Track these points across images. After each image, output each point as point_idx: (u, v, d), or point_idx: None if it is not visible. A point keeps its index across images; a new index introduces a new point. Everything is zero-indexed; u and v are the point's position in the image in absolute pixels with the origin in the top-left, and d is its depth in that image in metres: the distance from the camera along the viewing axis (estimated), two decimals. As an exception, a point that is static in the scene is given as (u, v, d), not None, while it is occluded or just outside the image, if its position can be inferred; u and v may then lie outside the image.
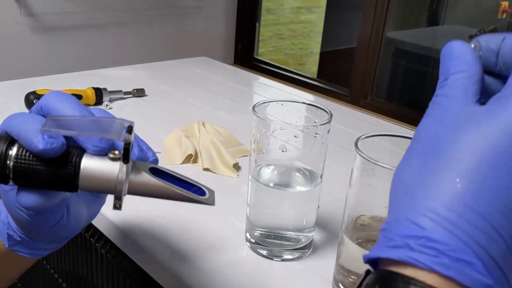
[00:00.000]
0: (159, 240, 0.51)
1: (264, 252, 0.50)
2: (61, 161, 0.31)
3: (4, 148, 0.31)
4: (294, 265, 0.49)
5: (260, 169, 0.50)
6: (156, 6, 1.35)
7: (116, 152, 0.31)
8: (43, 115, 0.34)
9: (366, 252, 0.43)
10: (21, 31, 1.12)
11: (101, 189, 0.32)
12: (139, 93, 0.91)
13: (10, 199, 0.34)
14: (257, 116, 0.46)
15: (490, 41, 0.28)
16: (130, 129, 0.31)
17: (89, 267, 0.62)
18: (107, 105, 0.84)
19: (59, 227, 0.37)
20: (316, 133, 0.46)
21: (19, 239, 0.40)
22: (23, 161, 0.31)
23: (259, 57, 1.67)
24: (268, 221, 0.50)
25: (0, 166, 0.31)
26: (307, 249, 0.51)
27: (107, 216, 0.54)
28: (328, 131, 0.47)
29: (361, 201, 0.43)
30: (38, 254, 0.42)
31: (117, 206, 0.32)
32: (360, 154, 0.40)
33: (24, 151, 0.31)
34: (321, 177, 0.49)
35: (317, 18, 4.88)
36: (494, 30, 1.75)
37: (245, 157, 0.71)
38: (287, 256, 0.50)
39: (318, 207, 0.50)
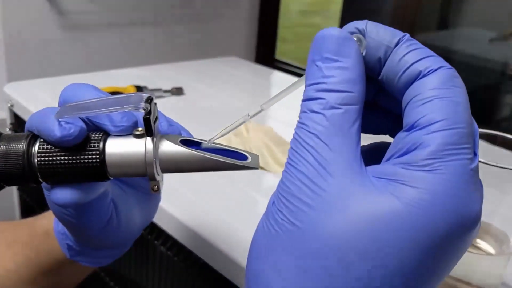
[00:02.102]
0: (227, 237, 0.51)
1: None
2: (84, 149, 0.28)
3: (25, 145, 0.29)
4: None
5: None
6: (183, 6, 1.35)
7: (140, 128, 0.29)
8: None
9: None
10: (52, 29, 1.11)
11: (132, 172, 0.29)
12: (178, 91, 0.90)
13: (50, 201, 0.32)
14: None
15: (379, 42, 0.22)
16: (149, 100, 0.28)
17: (147, 267, 0.61)
18: (148, 103, 0.84)
19: (109, 230, 0.35)
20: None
21: (78, 248, 0.39)
22: (46, 156, 0.28)
23: (279, 58, 1.67)
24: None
25: (25, 164, 0.29)
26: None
27: (168, 211, 0.54)
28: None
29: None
30: (99, 262, 0.41)
31: (155, 188, 0.30)
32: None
33: (46, 145, 0.29)
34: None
35: (323, 22, 4.88)
36: (513, 34, 1.76)
37: (294, 156, 0.71)
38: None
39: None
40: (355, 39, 0.22)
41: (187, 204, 0.56)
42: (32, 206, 0.88)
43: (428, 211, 0.18)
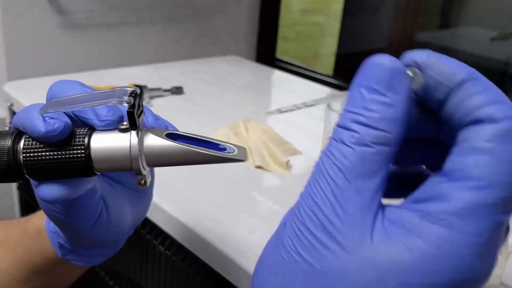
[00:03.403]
0: (226, 236, 0.51)
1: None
2: (70, 144, 0.29)
3: (10, 142, 0.29)
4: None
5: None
6: (183, 5, 1.34)
7: (125, 122, 0.29)
8: None
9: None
10: (52, 28, 1.11)
11: (118, 167, 0.29)
12: (178, 91, 0.90)
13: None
14: (335, 112, 0.46)
15: (439, 82, 0.20)
16: (133, 94, 0.28)
17: (146, 266, 0.61)
18: (148, 102, 0.83)
19: (100, 227, 0.34)
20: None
21: (70, 247, 0.39)
22: (32, 152, 0.29)
23: (279, 57, 1.67)
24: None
25: (11, 161, 0.29)
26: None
27: (168, 211, 0.54)
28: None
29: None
30: (91, 261, 0.40)
31: (142, 183, 0.30)
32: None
33: (31, 141, 0.29)
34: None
35: (324, 20, 4.87)
36: (514, 33, 1.75)
37: (294, 155, 0.71)
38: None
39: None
40: (410, 73, 0.20)
41: (187, 204, 0.56)
42: (32, 205, 0.88)
43: (436, 268, 0.18)
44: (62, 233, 0.37)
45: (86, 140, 0.29)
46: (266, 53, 1.71)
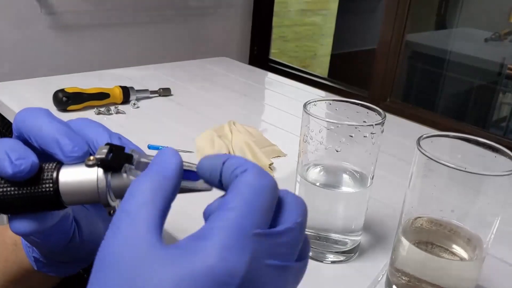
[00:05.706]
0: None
1: (311, 254, 0.49)
2: (39, 179, 0.29)
3: None
4: (342, 267, 0.49)
5: (308, 169, 0.49)
6: (174, 6, 1.34)
7: (92, 157, 0.29)
8: (18, 136, 0.32)
9: (424, 253, 0.42)
10: (41, 29, 1.11)
11: (87, 200, 0.30)
12: (165, 92, 0.90)
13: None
14: (310, 115, 0.46)
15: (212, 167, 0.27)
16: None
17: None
18: (134, 104, 0.83)
19: (73, 246, 0.36)
20: (371, 133, 0.45)
21: (45, 261, 0.40)
22: (2, 189, 0.29)
23: (273, 58, 1.67)
24: (317, 222, 0.49)
25: None
26: (353, 253, 0.50)
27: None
28: (382, 131, 0.46)
29: (420, 203, 0.42)
30: (66, 272, 0.42)
31: (111, 213, 0.30)
32: (423, 153, 0.39)
33: (1, 180, 0.29)
34: (372, 178, 0.48)
35: (322, 21, 4.88)
36: (509, 34, 1.75)
37: (278, 157, 0.70)
38: (333, 258, 0.49)
39: (367, 209, 0.50)
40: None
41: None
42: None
43: None
44: (37, 250, 0.39)
45: (54, 174, 0.29)
46: (259, 55, 1.71)
